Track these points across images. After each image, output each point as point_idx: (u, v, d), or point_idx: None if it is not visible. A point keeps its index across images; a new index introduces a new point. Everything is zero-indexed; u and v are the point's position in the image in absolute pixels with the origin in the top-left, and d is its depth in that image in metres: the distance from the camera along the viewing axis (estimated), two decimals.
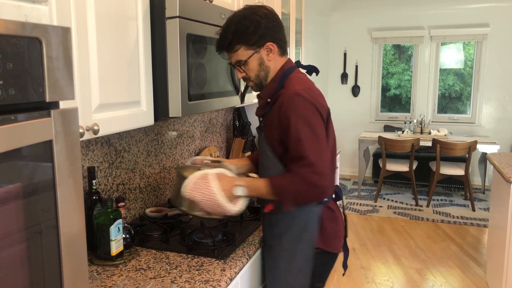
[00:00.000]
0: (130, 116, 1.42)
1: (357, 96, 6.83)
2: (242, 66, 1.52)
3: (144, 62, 1.48)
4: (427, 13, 6.33)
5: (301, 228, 1.56)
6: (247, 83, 1.60)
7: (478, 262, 3.82)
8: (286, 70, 1.54)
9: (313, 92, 1.49)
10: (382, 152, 5.34)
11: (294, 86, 1.47)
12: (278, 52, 1.53)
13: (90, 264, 1.51)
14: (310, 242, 1.57)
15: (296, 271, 1.58)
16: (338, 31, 6.78)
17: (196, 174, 1.50)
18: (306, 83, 1.52)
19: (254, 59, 1.50)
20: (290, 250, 1.58)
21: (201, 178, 1.48)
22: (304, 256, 1.57)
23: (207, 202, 1.47)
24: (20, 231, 0.77)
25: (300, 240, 1.56)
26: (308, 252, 1.57)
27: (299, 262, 1.57)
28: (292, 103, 1.44)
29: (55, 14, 1.08)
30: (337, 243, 1.63)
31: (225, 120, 2.92)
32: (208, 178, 1.48)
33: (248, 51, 1.49)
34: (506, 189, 2.84)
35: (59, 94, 0.82)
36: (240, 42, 1.48)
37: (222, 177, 1.50)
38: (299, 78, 1.54)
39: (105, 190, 1.77)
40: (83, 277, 0.90)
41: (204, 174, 1.50)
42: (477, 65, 6.24)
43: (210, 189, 1.46)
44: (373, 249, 4.10)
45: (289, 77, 1.53)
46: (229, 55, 1.53)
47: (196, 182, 1.48)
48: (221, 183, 1.48)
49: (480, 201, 5.50)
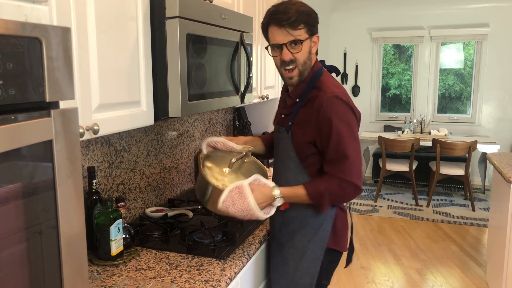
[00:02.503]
0: (130, 116, 1.42)
1: (357, 96, 6.83)
2: (296, 47, 1.49)
3: (144, 62, 1.48)
4: (427, 13, 6.33)
5: (315, 228, 1.58)
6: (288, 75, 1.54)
7: (478, 262, 3.82)
8: (316, 71, 1.56)
9: (348, 96, 1.53)
10: (382, 152, 5.34)
11: (332, 89, 1.50)
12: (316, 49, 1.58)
13: (90, 264, 1.51)
14: (322, 243, 1.59)
15: (304, 270, 1.59)
16: (338, 31, 6.78)
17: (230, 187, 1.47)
18: (340, 87, 1.55)
19: (307, 44, 1.51)
20: (301, 248, 1.59)
21: (237, 192, 1.46)
22: (314, 256, 1.59)
23: (242, 213, 1.47)
24: (20, 231, 0.77)
25: (312, 240, 1.58)
26: (318, 252, 1.59)
27: (308, 262, 1.59)
28: (332, 106, 1.46)
29: (55, 14, 1.08)
30: (344, 242, 1.67)
31: (225, 120, 2.92)
32: (244, 192, 1.45)
33: (306, 34, 1.49)
34: (506, 189, 2.84)
35: (59, 94, 0.82)
36: (305, 21, 1.47)
37: (258, 189, 1.48)
38: (333, 81, 1.56)
39: (105, 190, 1.77)
40: (83, 277, 0.90)
41: (239, 187, 1.47)
42: (477, 65, 6.24)
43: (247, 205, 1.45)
44: (373, 249, 4.10)
45: (320, 79, 1.55)
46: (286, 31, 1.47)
47: (232, 197, 1.46)
48: (258, 195, 1.47)
49: (480, 201, 5.50)
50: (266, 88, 2.71)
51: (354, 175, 1.47)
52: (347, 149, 1.46)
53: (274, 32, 1.50)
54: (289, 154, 1.59)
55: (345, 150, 1.46)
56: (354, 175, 1.47)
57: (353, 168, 1.47)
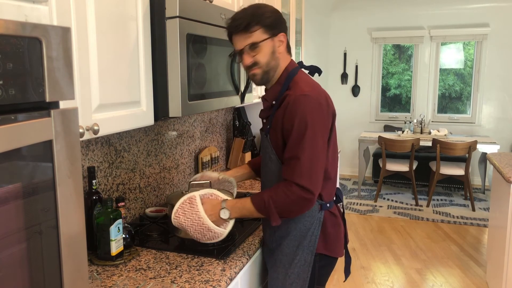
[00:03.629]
0: (130, 116, 1.42)
1: (357, 96, 6.83)
2: (255, 49, 1.46)
3: (144, 62, 1.48)
4: (427, 13, 6.33)
5: (302, 233, 1.53)
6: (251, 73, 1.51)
7: (478, 262, 3.82)
8: (290, 71, 1.52)
9: (320, 94, 1.47)
10: (382, 152, 5.34)
11: (302, 88, 1.45)
12: (285, 48, 1.53)
13: (90, 264, 1.51)
14: (311, 248, 1.54)
15: (294, 277, 1.55)
16: (338, 31, 6.78)
17: (182, 198, 1.50)
18: (313, 85, 1.50)
19: (268, 45, 1.47)
20: (289, 254, 1.55)
21: (188, 202, 1.49)
22: (304, 262, 1.54)
23: (196, 227, 1.47)
24: (20, 231, 0.77)
25: (300, 245, 1.54)
26: (308, 257, 1.54)
27: (298, 268, 1.54)
28: (299, 104, 1.41)
29: (55, 14, 1.08)
30: (338, 247, 1.61)
31: (225, 120, 2.92)
32: (194, 201, 1.48)
33: (264, 35, 1.45)
34: (506, 189, 2.84)
35: (59, 94, 0.82)
36: (258, 23, 1.44)
37: (207, 201, 1.50)
38: (305, 80, 1.52)
39: (105, 190, 1.77)
40: (83, 277, 0.90)
41: (190, 197, 1.49)
42: (477, 65, 6.24)
43: (197, 214, 1.46)
44: (373, 249, 4.10)
45: (294, 79, 1.51)
46: (243, 37, 1.46)
47: (183, 207, 1.49)
48: (207, 206, 1.49)
49: (480, 201, 5.50)
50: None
51: (303, 176, 1.37)
52: (301, 150, 1.39)
53: (234, 40, 1.49)
54: (270, 157, 1.55)
55: (298, 151, 1.39)
56: (303, 176, 1.37)
57: (303, 170, 1.38)
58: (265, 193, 1.44)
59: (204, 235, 1.49)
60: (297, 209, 1.43)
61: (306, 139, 1.39)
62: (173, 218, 1.50)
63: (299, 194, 1.39)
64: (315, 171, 1.40)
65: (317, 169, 1.41)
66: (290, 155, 1.42)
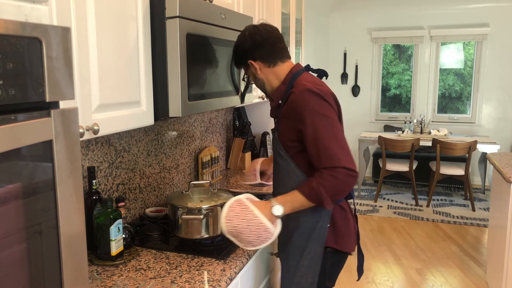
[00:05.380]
0: (130, 116, 1.42)
1: (357, 96, 6.83)
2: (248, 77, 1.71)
3: (144, 62, 1.48)
4: (427, 13, 6.33)
5: (311, 226, 1.56)
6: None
7: (478, 262, 3.82)
8: (295, 72, 1.59)
9: (324, 89, 1.51)
10: (382, 152, 5.34)
11: (304, 84, 1.51)
12: (264, 65, 1.60)
13: (90, 264, 1.51)
14: (321, 240, 1.57)
15: (304, 269, 1.58)
16: (338, 31, 6.78)
17: (229, 202, 1.45)
18: (315, 81, 1.55)
19: (249, 73, 1.66)
20: (300, 247, 1.58)
21: (237, 204, 1.44)
22: (314, 254, 1.57)
23: (252, 227, 1.42)
24: (20, 231, 0.77)
25: (310, 238, 1.57)
26: (318, 250, 1.57)
27: (309, 260, 1.58)
28: (303, 100, 1.47)
29: (55, 14, 1.08)
30: (349, 242, 1.63)
31: (225, 120, 2.92)
32: (244, 203, 1.44)
33: (242, 68, 1.69)
34: (506, 189, 2.84)
35: (59, 94, 0.82)
36: (234, 62, 1.71)
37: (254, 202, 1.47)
38: (308, 77, 1.57)
39: (105, 190, 1.77)
40: (83, 277, 0.90)
41: (237, 200, 1.45)
42: (477, 65, 6.24)
43: (251, 213, 1.42)
44: (373, 249, 4.10)
45: (298, 78, 1.57)
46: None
47: (234, 210, 1.43)
48: (257, 204, 1.45)
49: (480, 201, 5.50)
50: None
51: (342, 158, 1.42)
52: (325, 140, 1.43)
53: None
54: (279, 153, 1.59)
55: (324, 142, 1.43)
56: (342, 159, 1.42)
57: (338, 153, 1.42)
58: (312, 181, 1.44)
59: (260, 236, 1.43)
60: (346, 188, 1.46)
61: (324, 128, 1.44)
62: (225, 223, 1.42)
63: (345, 174, 1.41)
64: (346, 150, 1.45)
65: (346, 149, 1.45)
66: (317, 149, 1.44)
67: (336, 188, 1.44)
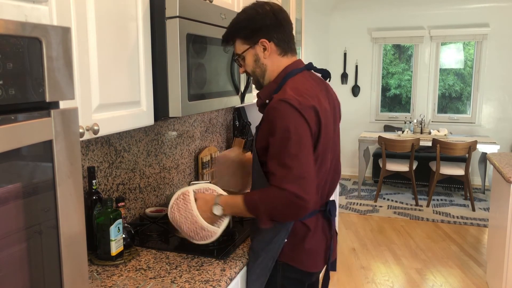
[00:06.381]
0: (130, 116, 1.42)
1: (357, 96, 6.83)
2: (240, 60, 1.49)
3: (144, 62, 1.48)
4: (427, 13, 6.33)
5: (268, 237, 1.47)
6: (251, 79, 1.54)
7: (478, 262, 3.82)
8: (289, 72, 1.45)
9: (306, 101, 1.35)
10: (382, 152, 5.34)
11: (286, 92, 1.37)
12: (276, 51, 1.45)
13: (90, 264, 1.51)
14: (273, 254, 1.46)
15: (255, 276, 1.51)
16: (338, 31, 6.78)
17: (177, 193, 1.46)
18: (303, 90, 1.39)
19: (250, 54, 1.45)
20: (256, 253, 1.51)
21: (182, 198, 1.45)
22: (265, 265, 1.48)
23: (189, 225, 1.44)
24: (20, 231, 0.77)
25: (264, 249, 1.48)
26: (269, 263, 1.47)
27: (259, 269, 1.49)
28: (277, 111, 1.33)
29: (55, 14, 1.08)
30: (312, 262, 1.50)
31: (225, 120, 2.92)
32: (188, 197, 1.43)
33: (244, 45, 1.45)
34: (506, 189, 2.84)
35: (59, 94, 0.82)
36: (235, 35, 1.46)
37: (201, 196, 1.47)
38: (298, 81, 1.42)
39: (105, 190, 1.77)
40: (83, 277, 0.90)
41: (183, 193, 1.45)
42: (477, 65, 6.24)
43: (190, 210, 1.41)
44: (373, 249, 4.10)
45: (288, 81, 1.43)
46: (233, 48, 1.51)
47: (178, 203, 1.45)
48: (200, 202, 1.46)
49: (480, 201, 5.50)
50: None
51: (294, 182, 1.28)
52: (285, 159, 1.30)
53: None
54: (254, 157, 1.47)
55: (282, 160, 1.30)
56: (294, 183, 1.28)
57: (291, 176, 1.29)
58: (257, 194, 1.38)
59: (197, 233, 1.45)
60: (289, 214, 1.35)
61: (291, 145, 1.31)
62: (169, 214, 1.49)
63: (289, 199, 1.30)
64: (304, 176, 1.31)
65: (306, 175, 1.31)
66: (277, 163, 1.33)
67: (277, 209, 1.34)
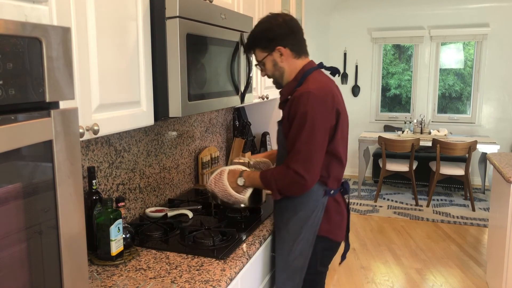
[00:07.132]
0: (130, 116, 1.42)
1: (357, 96, 6.83)
2: (261, 66, 1.73)
3: (144, 62, 1.48)
4: (427, 13, 6.33)
5: (307, 215, 1.68)
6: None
7: (478, 262, 3.82)
8: (307, 70, 1.68)
9: (326, 92, 1.59)
10: (382, 152, 5.34)
11: (308, 85, 1.59)
12: (291, 55, 1.68)
13: (90, 264, 1.51)
14: (313, 229, 1.68)
15: (297, 253, 1.69)
16: (338, 31, 6.78)
17: (217, 171, 1.81)
18: (321, 82, 1.63)
19: (269, 61, 1.69)
20: (294, 233, 1.69)
21: (219, 174, 1.80)
22: (307, 241, 1.69)
23: (222, 193, 1.77)
24: (20, 231, 0.77)
25: (304, 225, 1.68)
26: (310, 237, 1.68)
27: (301, 246, 1.69)
28: (301, 100, 1.55)
29: (55, 14, 1.08)
30: (340, 233, 1.76)
31: (225, 120, 2.92)
32: (223, 173, 1.78)
33: (263, 53, 1.69)
34: (506, 189, 2.84)
35: (59, 94, 0.82)
36: (254, 45, 1.70)
37: (231, 171, 1.79)
38: (316, 78, 1.65)
39: (105, 190, 1.77)
40: (83, 277, 0.90)
41: (222, 170, 1.80)
42: (477, 65, 6.24)
43: (222, 183, 1.76)
44: (373, 249, 4.10)
45: (307, 77, 1.65)
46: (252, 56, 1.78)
47: (215, 178, 1.80)
48: (229, 176, 1.77)
49: (480, 201, 5.50)
50: (266, 88, 2.71)
51: (299, 162, 1.54)
52: (299, 143, 1.54)
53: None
54: (282, 144, 1.69)
55: (297, 144, 1.55)
56: (299, 163, 1.54)
57: (299, 157, 1.54)
58: (271, 171, 1.65)
59: (229, 199, 1.77)
60: (293, 190, 1.61)
61: (304, 131, 1.54)
62: (208, 185, 1.81)
63: (293, 177, 1.56)
64: (310, 159, 1.55)
65: (312, 159, 1.56)
66: (290, 143, 1.58)
67: (284, 185, 1.60)
